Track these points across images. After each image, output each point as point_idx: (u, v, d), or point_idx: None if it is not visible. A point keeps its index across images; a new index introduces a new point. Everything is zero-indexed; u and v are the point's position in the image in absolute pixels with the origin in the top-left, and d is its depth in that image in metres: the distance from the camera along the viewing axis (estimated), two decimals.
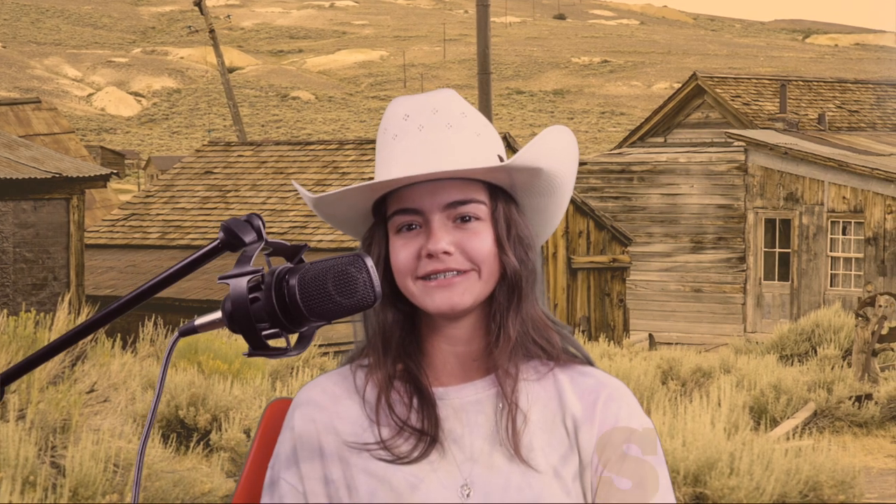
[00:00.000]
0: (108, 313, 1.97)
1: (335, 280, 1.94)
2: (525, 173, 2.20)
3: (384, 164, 2.20)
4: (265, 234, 1.98)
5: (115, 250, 25.86)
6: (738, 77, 37.55)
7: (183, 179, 28.15)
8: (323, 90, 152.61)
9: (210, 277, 23.37)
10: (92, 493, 9.02)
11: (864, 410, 14.74)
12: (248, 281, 1.95)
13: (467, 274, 2.16)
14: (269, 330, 1.95)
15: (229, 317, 1.96)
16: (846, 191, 30.97)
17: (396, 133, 2.20)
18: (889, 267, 30.44)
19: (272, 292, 1.94)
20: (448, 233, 2.16)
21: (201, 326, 1.99)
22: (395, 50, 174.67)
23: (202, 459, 11.38)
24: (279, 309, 1.94)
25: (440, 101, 2.22)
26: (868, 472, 12.20)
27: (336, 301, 1.94)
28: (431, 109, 2.21)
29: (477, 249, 2.16)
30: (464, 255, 2.16)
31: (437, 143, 2.18)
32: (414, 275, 2.16)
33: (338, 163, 27.03)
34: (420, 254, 2.15)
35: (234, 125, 38.22)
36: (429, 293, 2.15)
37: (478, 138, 2.21)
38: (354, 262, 1.95)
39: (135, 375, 12.86)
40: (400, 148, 2.19)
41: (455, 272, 2.15)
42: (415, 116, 2.20)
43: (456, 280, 2.15)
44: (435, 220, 2.16)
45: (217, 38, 38.54)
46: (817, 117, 36.38)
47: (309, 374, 13.57)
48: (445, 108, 2.21)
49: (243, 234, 1.96)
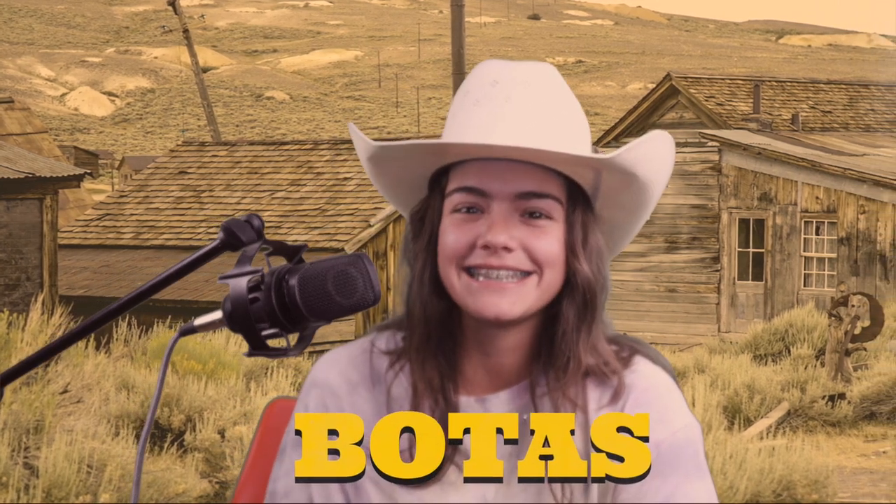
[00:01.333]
0: (108, 313, 1.98)
1: (335, 280, 1.93)
2: (617, 177, 1.96)
3: (459, 128, 1.96)
4: (265, 234, 1.98)
5: (89, 250, 25.77)
6: (712, 77, 37.64)
7: (157, 179, 28.08)
8: (297, 90, 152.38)
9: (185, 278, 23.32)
10: (65, 494, 8.99)
11: (837, 410, 14.80)
12: (247, 281, 1.95)
13: (526, 279, 1.92)
14: (268, 330, 1.95)
15: (229, 317, 1.96)
16: (819, 191, 31.09)
17: (479, 98, 1.96)
18: (862, 267, 30.57)
19: (272, 292, 1.94)
20: (513, 226, 1.92)
21: (201, 326, 2.00)
22: (370, 50, 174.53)
23: (176, 460, 11.35)
24: (279, 309, 1.94)
25: (534, 75, 1.98)
26: (841, 471, 12.24)
27: (336, 301, 1.92)
28: (524, 81, 1.96)
29: (544, 250, 1.92)
30: (527, 253, 1.92)
31: (524, 119, 1.93)
32: (461, 263, 1.94)
33: (312, 163, 26.99)
34: (475, 242, 1.93)
35: (208, 125, 38.13)
36: (473, 292, 1.93)
37: (569, 123, 1.96)
38: (354, 262, 1.94)
39: (108, 376, 12.83)
40: (481, 114, 1.95)
41: (511, 274, 1.92)
42: (504, 85, 1.95)
43: (510, 286, 1.92)
44: (502, 208, 1.92)
45: (191, 38, 38.44)
46: (791, 118, 36.50)
47: (283, 375, 13.55)
48: (539, 84, 1.96)
49: (243, 234, 1.95)
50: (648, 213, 2.04)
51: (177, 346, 7.11)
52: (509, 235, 1.91)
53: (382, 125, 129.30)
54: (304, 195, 25.93)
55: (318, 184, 26.22)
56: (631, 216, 2.03)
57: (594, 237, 1.97)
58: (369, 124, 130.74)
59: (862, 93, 40.26)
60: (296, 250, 1.98)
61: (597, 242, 1.97)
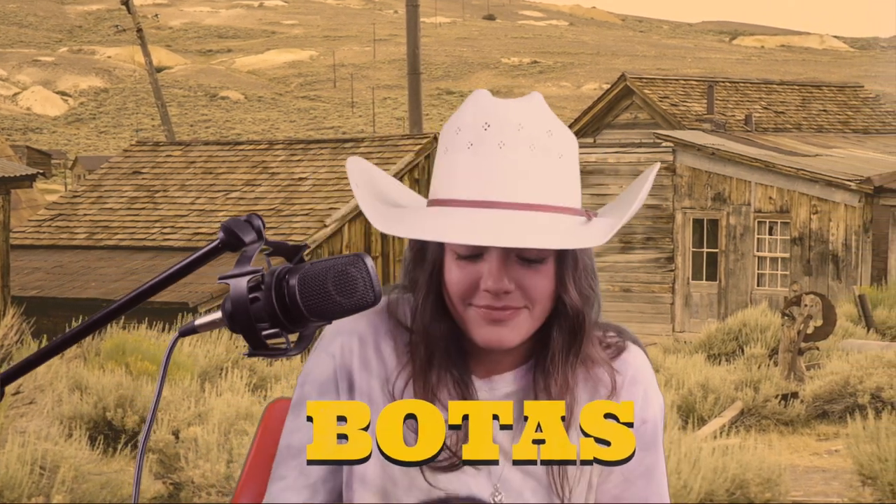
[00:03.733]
0: (108, 314, 1.97)
1: (335, 280, 1.93)
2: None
3: (448, 175, 2.07)
4: (265, 234, 1.97)
5: (42, 251, 25.61)
6: (667, 78, 37.80)
7: (110, 180, 27.93)
8: (252, 90, 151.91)
9: (140, 278, 23.19)
10: (18, 496, 8.93)
11: (790, 409, 14.89)
12: (248, 281, 1.94)
13: (521, 311, 2.08)
14: (269, 330, 1.95)
15: (229, 317, 1.95)
16: (772, 191, 31.27)
17: (472, 141, 2.05)
18: (814, 266, 30.78)
19: (272, 292, 1.94)
20: (511, 268, 2.06)
21: (201, 326, 1.99)
22: (325, 50, 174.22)
23: (130, 461, 11.29)
24: (279, 309, 1.94)
25: (527, 115, 2.06)
26: (794, 470, 12.31)
27: (336, 301, 1.93)
28: (517, 125, 2.05)
29: (538, 290, 2.07)
30: (522, 292, 2.06)
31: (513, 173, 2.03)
32: (466, 301, 2.08)
33: (267, 163, 26.92)
34: (478, 284, 2.07)
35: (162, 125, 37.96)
36: (478, 324, 2.07)
37: (560, 162, 2.06)
38: (354, 262, 1.94)
39: (61, 377, 12.75)
40: (473, 164, 2.04)
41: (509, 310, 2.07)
42: (497, 129, 2.04)
43: (506, 315, 2.07)
44: (499, 254, 2.06)
45: (145, 38, 38.26)
46: (744, 118, 36.71)
47: (238, 375, 13.50)
48: (531, 124, 2.06)
49: (243, 234, 1.95)
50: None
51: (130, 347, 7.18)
52: (508, 279, 2.06)
53: (338, 125, 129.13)
54: (259, 195, 25.86)
55: (273, 184, 26.16)
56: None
57: (583, 259, 2.13)
58: (325, 124, 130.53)
59: (814, 93, 40.52)
60: (296, 250, 1.98)
61: (586, 262, 2.13)
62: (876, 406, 14.03)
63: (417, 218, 2.09)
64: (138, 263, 24.06)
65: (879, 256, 30.55)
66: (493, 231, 2.01)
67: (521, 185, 2.03)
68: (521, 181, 2.03)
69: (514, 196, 2.03)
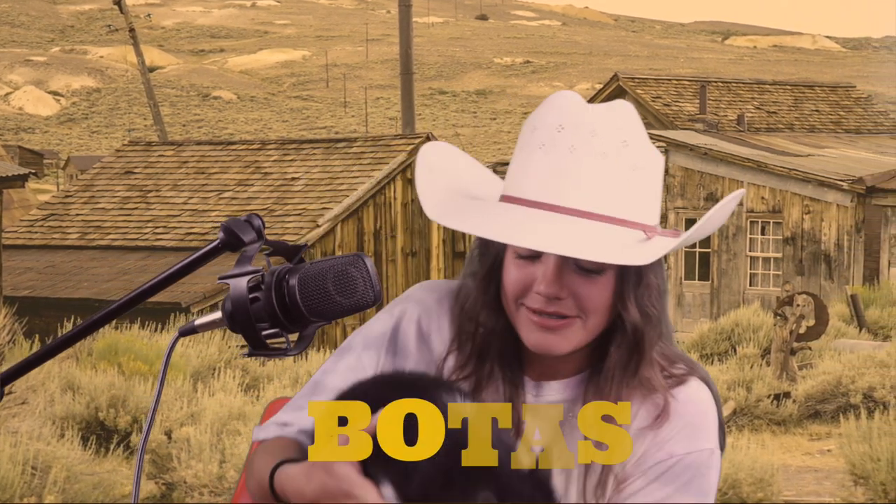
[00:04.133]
0: (108, 313, 1.98)
1: (335, 280, 1.93)
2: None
3: (519, 171, 2.05)
4: (265, 234, 1.97)
5: (34, 251, 25.58)
6: (659, 78, 37.83)
7: (103, 179, 27.90)
8: (245, 90, 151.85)
9: (132, 278, 23.18)
10: (10, 496, 8.92)
11: (782, 409, 14.90)
12: (248, 281, 1.94)
13: (573, 320, 2.03)
14: (269, 330, 1.95)
15: (229, 317, 1.95)
16: (765, 191, 31.30)
17: (545, 142, 2.02)
18: (807, 266, 30.81)
19: (272, 292, 1.94)
20: (566, 275, 2.02)
21: (201, 326, 2.00)
22: (318, 50, 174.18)
23: (122, 461, 11.28)
24: (279, 309, 1.94)
25: (601, 122, 2.02)
26: (786, 469, 12.33)
27: (336, 301, 1.93)
28: (590, 131, 2.01)
29: (592, 300, 2.03)
30: (575, 301, 2.02)
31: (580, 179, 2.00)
32: (519, 301, 2.06)
33: (260, 163, 26.91)
34: (532, 287, 2.03)
35: (154, 125, 37.93)
36: (528, 327, 2.04)
37: (633, 174, 2.02)
38: (354, 261, 1.94)
39: (53, 377, 12.74)
40: (540, 164, 2.02)
41: (560, 317, 2.03)
42: (570, 132, 2.01)
43: (558, 324, 2.03)
44: (556, 259, 2.02)
45: (137, 37, 38.23)
46: (736, 118, 36.74)
47: (230, 375, 13.49)
48: (605, 132, 2.01)
49: (243, 234, 1.96)
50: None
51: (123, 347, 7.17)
52: (560, 286, 2.02)
53: (330, 125, 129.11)
54: (252, 195, 25.85)
55: (265, 184, 26.15)
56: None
57: (648, 276, 2.06)
58: (317, 124, 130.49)
59: (807, 94, 40.57)
60: (296, 250, 1.98)
61: (651, 280, 2.07)
62: (868, 406, 14.04)
63: (478, 213, 2.07)
64: (130, 263, 24.04)
65: (871, 256, 30.59)
66: (546, 236, 1.98)
67: (585, 192, 2.00)
68: (586, 188, 2.00)
69: (577, 202, 2.00)
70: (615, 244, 2.00)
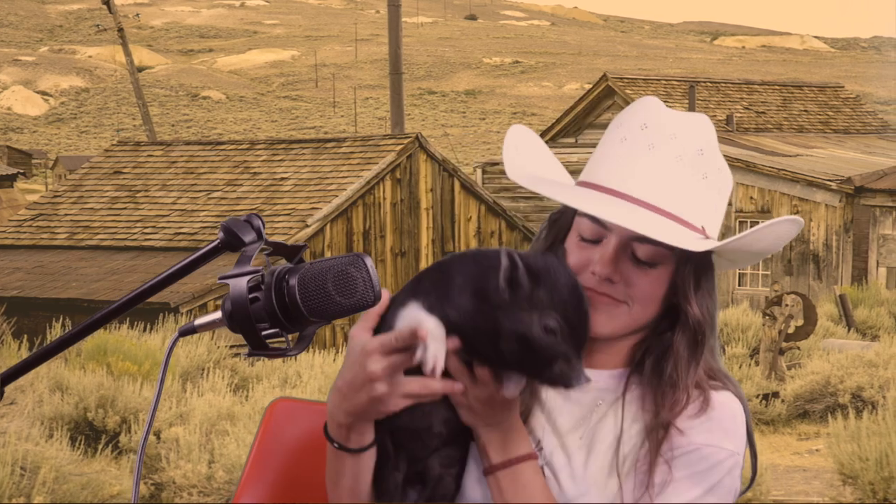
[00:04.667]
0: (108, 313, 1.96)
1: (335, 280, 1.92)
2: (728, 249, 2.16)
3: (597, 161, 2.16)
4: (265, 234, 1.97)
5: (22, 251, 25.54)
6: (648, 78, 37.86)
7: (91, 179, 27.86)
8: (234, 90, 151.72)
9: (121, 278, 23.15)
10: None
11: (771, 408, 14.92)
12: (247, 281, 1.94)
13: (619, 303, 2.12)
14: (268, 330, 1.94)
15: (229, 317, 1.94)
16: (753, 191, 31.35)
17: (626, 137, 2.14)
18: (795, 267, 30.85)
19: (272, 292, 1.93)
20: (622, 262, 2.12)
21: (201, 326, 1.98)
22: (307, 50, 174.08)
23: (111, 462, 11.27)
24: (279, 309, 1.93)
25: (682, 128, 2.14)
26: (775, 469, 12.35)
27: (336, 301, 1.92)
28: (670, 134, 2.13)
29: (641, 289, 2.12)
30: (626, 288, 2.12)
31: (653, 175, 2.11)
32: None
33: (249, 163, 26.89)
34: (588, 266, 2.12)
35: (143, 125, 37.88)
36: None
37: (702, 182, 2.13)
38: (354, 262, 1.93)
39: (42, 378, 12.72)
40: (619, 156, 2.13)
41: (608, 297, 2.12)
42: (652, 132, 2.13)
43: (604, 301, 2.11)
44: (615, 243, 2.12)
45: (126, 37, 38.18)
46: (725, 118, 36.78)
47: (219, 376, 13.48)
48: (684, 138, 2.13)
49: (243, 234, 1.94)
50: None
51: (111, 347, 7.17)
52: (614, 269, 2.11)
53: (319, 125, 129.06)
54: (241, 195, 25.83)
55: (254, 184, 26.13)
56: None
57: (706, 282, 2.17)
58: (306, 124, 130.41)
59: (795, 94, 40.63)
60: (296, 250, 1.98)
61: (708, 285, 2.17)
62: (856, 405, 14.07)
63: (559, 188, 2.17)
64: (119, 263, 24.01)
65: (860, 256, 30.65)
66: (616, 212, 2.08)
67: (657, 187, 2.10)
68: (659, 184, 2.11)
69: (647, 195, 2.10)
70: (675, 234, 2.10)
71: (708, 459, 2.10)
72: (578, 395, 2.13)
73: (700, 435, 2.11)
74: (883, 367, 15.12)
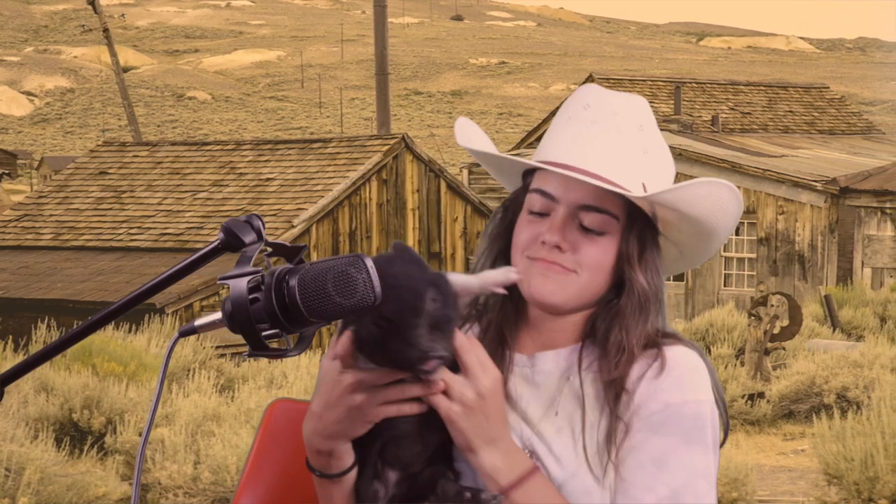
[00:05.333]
0: (108, 314, 1.97)
1: (335, 280, 1.92)
2: (668, 210, 2.23)
3: (548, 140, 2.29)
4: (265, 235, 1.97)
5: (7, 251, 25.48)
6: (634, 79, 37.89)
7: (77, 180, 27.81)
8: (219, 90, 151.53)
9: (106, 279, 23.11)
10: None
11: (756, 409, 14.94)
12: (247, 281, 1.94)
13: (568, 271, 2.20)
14: (269, 330, 1.94)
15: (229, 317, 1.95)
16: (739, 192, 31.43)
17: (571, 117, 2.27)
18: (781, 267, 30.91)
19: (272, 293, 1.93)
20: (569, 230, 2.21)
21: (201, 327, 1.99)
22: (293, 50, 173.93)
23: (96, 463, 11.25)
24: (279, 309, 1.93)
25: (623, 106, 2.26)
26: (760, 469, 12.37)
27: (336, 302, 1.92)
28: (612, 111, 2.25)
29: (589, 257, 2.20)
30: (574, 256, 2.20)
31: (597, 143, 2.23)
32: (524, 253, 2.23)
33: (235, 163, 26.86)
34: (538, 238, 2.21)
35: (129, 125, 37.82)
36: (528, 274, 2.21)
37: (643, 155, 2.25)
38: (354, 262, 1.93)
39: (27, 378, 12.68)
40: (566, 133, 2.26)
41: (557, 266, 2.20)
42: (594, 110, 2.26)
43: (554, 269, 2.20)
44: (562, 213, 2.21)
45: (111, 37, 38.12)
46: (711, 119, 36.84)
47: (205, 376, 13.46)
48: (625, 115, 2.25)
49: (243, 234, 1.95)
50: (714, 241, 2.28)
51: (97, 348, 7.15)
52: (563, 237, 2.20)
53: (305, 126, 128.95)
54: (227, 196, 25.80)
55: (240, 184, 26.10)
56: (693, 240, 2.29)
57: (650, 253, 2.24)
58: (292, 125, 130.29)
59: (781, 94, 40.70)
60: (296, 251, 1.98)
61: (652, 257, 2.24)
62: (841, 406, 14.10)
63: (518, 159, 2.30)
64: (105, 264, 23.96)
65: (845, 257, 30.72)
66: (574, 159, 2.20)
67: (601, 159, 2.20)
68: (602, 155, 2.21)
69: (593, 166, 2.20)
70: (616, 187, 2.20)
71: (689, 417, 2.16)
72: (542, 381, 2.21)
73: (672, 394, 2.16)
74: (868, 367, 15.14)
